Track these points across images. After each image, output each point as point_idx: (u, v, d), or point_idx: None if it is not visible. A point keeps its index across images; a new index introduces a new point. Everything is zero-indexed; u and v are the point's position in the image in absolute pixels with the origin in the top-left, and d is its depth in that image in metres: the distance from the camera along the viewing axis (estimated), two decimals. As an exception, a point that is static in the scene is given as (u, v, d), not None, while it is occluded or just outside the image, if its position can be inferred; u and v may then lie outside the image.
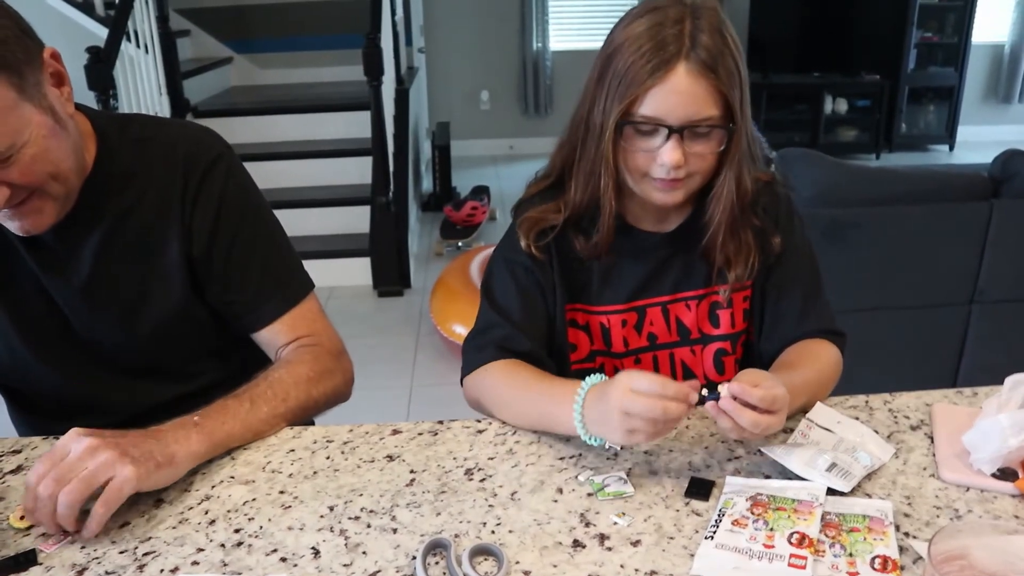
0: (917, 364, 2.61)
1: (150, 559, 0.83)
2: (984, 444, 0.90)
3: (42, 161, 0.94)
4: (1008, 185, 2.42)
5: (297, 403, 1.09)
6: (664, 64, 0.98)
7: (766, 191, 1.16)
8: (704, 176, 1.07)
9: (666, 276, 1.17)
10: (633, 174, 1.07)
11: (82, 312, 1.11)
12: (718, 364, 1.20)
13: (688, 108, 0.99)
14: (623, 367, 1.20)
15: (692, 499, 0.89)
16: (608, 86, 1.02)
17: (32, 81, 0.92)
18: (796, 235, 1.18)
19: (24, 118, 0.91)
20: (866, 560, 0.78)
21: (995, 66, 6.94)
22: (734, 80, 1.00)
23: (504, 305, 1.15)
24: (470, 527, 0.86)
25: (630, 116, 1.01)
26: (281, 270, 1.17)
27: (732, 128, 1.02)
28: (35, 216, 0.98)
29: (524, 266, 1.15)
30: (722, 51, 0.99)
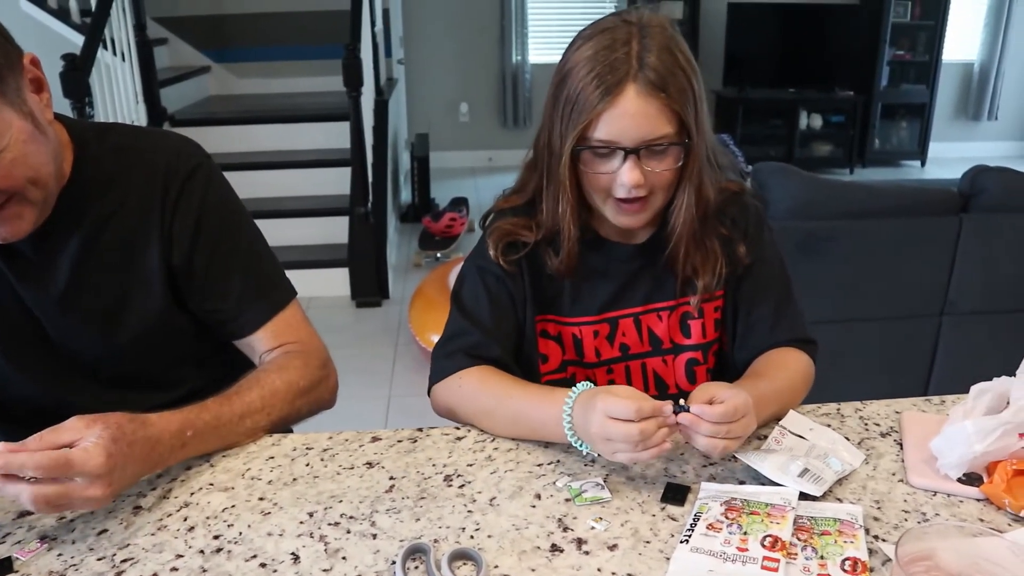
0: (889, 374, 2.65)
1: (128, 566, 0.83)
2: (951, 450, 0.93)
3: (21, 166, 0.94)
4: (976, 200, 2.47)
5: (280, 415, 1.10)
6: (613, 87, 0.99)
7: (734, 201, 1.17)
8: (666, 192, 1.08)
9: (637, 287, 1.18)
10: (596, 195, 1.08)
11: (59, 321, 1.10)
12: (689, 373, 1.21)
13: (641, 129, 1.00)
14: (595, 377, 1.21)
15: (668, 504, 0.91)
16: (562, 112, 1.03)
17: (12, 86, 0.93)
18: (766, 245, 1.20)
19: (4, 122, 0.91)
20: (836, 562, 0.79)
21: (965, 84, 7.09)
22: (686, 96, 1.01)
23: (474, 313, 1.16)
24: (449, 532, 0.87)
25: (585, 141, 1.03)
26: (263, 277, 1.18)
27: (688, 144, 1.04)
28: (14, 222, 0.98)
29: (495, 275, 1.16)
30: (671, 69, 1.00)
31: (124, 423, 0.90)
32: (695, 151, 1.05)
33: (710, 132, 1.09)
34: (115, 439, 0.88)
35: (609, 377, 1.21)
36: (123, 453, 0.88)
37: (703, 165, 1.07)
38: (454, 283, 1.22)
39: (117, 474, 0.87)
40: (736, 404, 0.90)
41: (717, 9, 6.52)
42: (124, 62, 3.99)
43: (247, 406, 1.06)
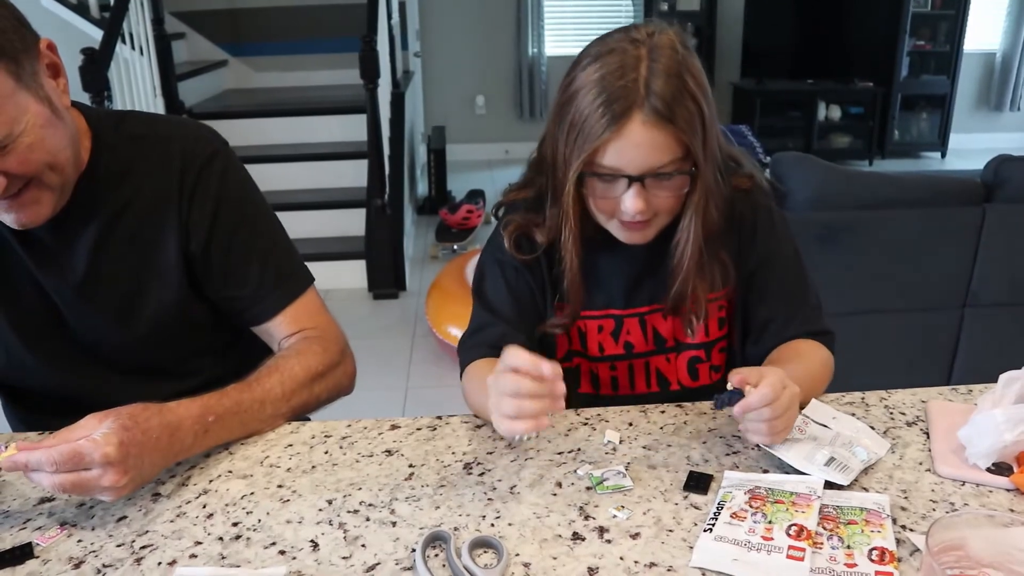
0: (911, 367, 2.62)
1: (147, 552, 0.83)
2: (979, 439, 0.91)
3: (39, 150, 0.94)
4: (1000, 190, 2.44)
5: (300, 400, 1.10)
6: (619, 117, 0.96)
7: (744, 199, 1.15)
8: (670, 214, 1.06)
9: (644, 287, 1.16)
10: (601, 216, 1.07)
11: (78, 309, 1.10)
12: (692, 371, 1.20)
13: (647, 158, 0.98)
14: (597, 371, 1.21)
15: (691, 493, 0.90)
16: (567, 135, 1.01)
17: (29, 70, 0.92)
18: (778, 240, 1.17)
19: (21, 106, 0.91)
20: (864, 552, 0.78)
21: (987, 74, 6.99)
22: (694, 123, 0.98)
23: (496, 305, 1.16)
24: (469, 520, 0.86)
25: (591, 167, 1.01)
26: (281, 264, 1.17)
27: (694, 171, 1.01)
28: (32, 207, 0.98)
29: (514, 266, 1.15)
30: (679, 96, 0.97)
31: (137, 412, 0.90)
32: (701, 178, 1.02)
33: (718, 147, 1.06)
34: (126, 427, 0.88)
35: (612, 373, 1.20)
36: (137, 441, 0.88)
37: (710, 190, 1.05)
38: (474, 276, 1.21)
39: (132, 461, 0.87)
40: (773, 383, 0.88)
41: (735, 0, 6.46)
42: (142, 56, 4.01)
43: (267, 392, 1.05)
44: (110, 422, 0.87)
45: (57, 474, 0.83)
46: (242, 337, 1.20)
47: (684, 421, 1.05)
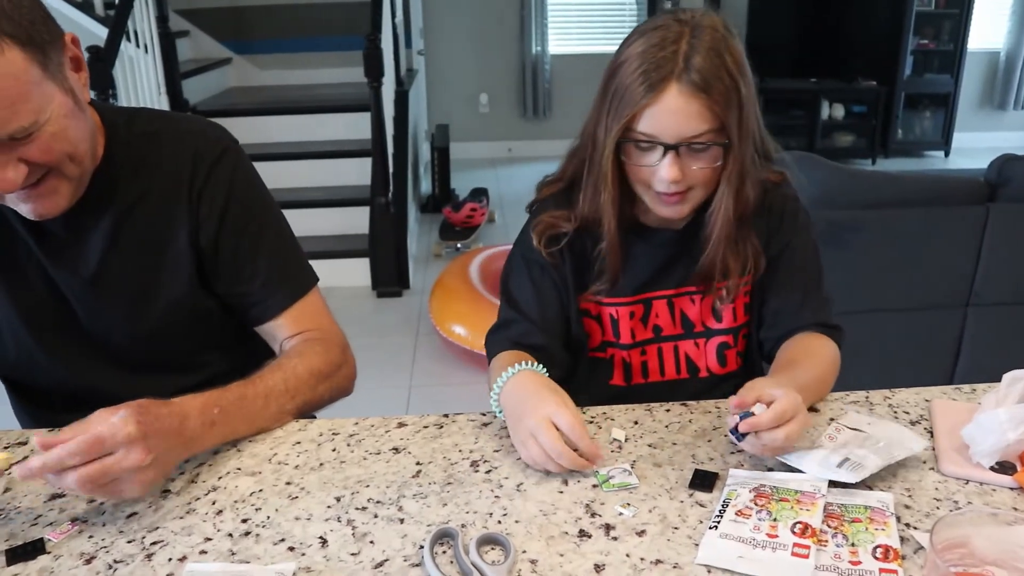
0: (913, 366, 2.62)
1: (158, 548, 0.84)
2: (983, 438, 0.91)
3: (61, 140, 0.95)
4: (1004, 189, 2.44)
5: (304, 400, 1.10)
6: (657, 84, 1.01)
7: (774, 191, 1.18)
8: (706, 188, 1.10)
9: (672, 271, 1.20)
10: (639, 186, 1.10)
11: (89, 303, 1.12)
12: (720, 357, 1.23)
13: (681, 126, 1.02)
14: (630, 359, 1.23)
15: (696, 491, 0.90)
16: (609, 104, 1.06)
17: (55, 62, 0.94)
18: (800, 232, 1.21)
19: (47, 96, 0.92)
20: (868, 549, 0.79)
21: (990, 73, 6.98)
22: (729, 99, 1.02)
23: (521, 302, 1.20)
24: (476, 517, 0.87)
25: (628, 134, 1.05)
26: (287, 263, 1.19)
27: (727, 145, 1.04)
28: (50, 198, 0.99)
29: (540, 264, 1.19)
30: (717, 71, 1.01)
31: (145, 403, 0.91)
32: (735, 153, 1.05)
33: (758, 132, 1.10)
34: (140, 412, 0.89)
35: (643, 359, 1.23)
36: (152, 424, 0.89)
37: (746, 168, 1.08)
38: (502, 272, 1.26)
39: (154, 441, 0.88)
40: (784, 407, 0.90)
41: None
42: (147, 54, 4.02)
43: (270, 388, 1.06)
44: (122, 412, 0.88)
45: (82, 466, 0.83)
46: (247, 333, 1.21)
47: (689, 420, 1.06)
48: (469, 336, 3.24)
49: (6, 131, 0.89)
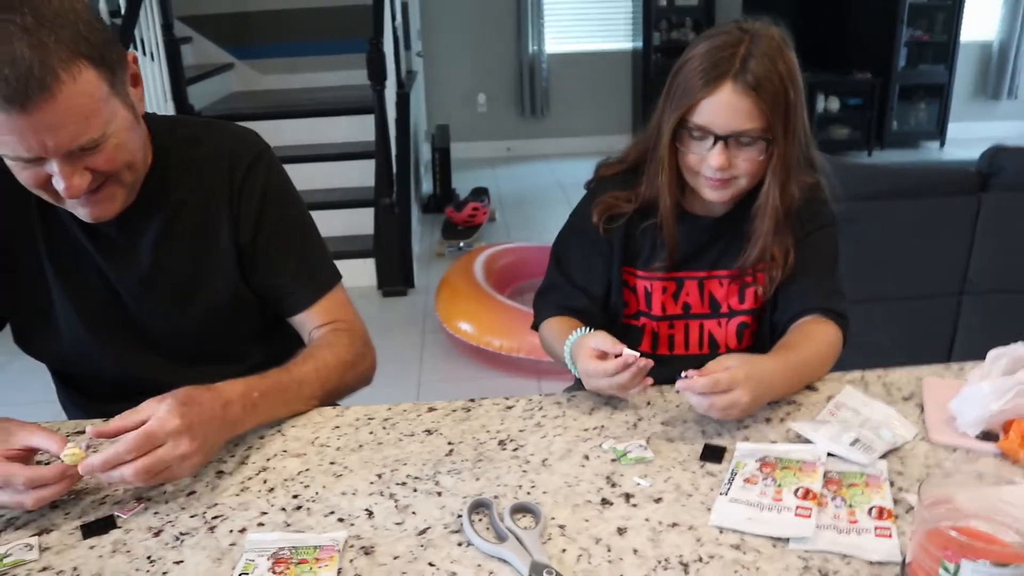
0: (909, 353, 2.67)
1: (219, 522, 0.92)
2: (969, 409, 1.00)
3: (123, 151, 1.04)
4: (995, 180, 2.51)
5: (332, 386, 1.19)
6: (714, 80, 1.14)
7: (810, 192, 1.28)
8: (749, 180, 1.21)
9: (706, 255, 1.32)
10: (688, 172, 1.22)
11: (140, 299, 1.20)
12: (739, 335, 1.34)
13: (732, 120, 1.15)
14: (658, 330, 1.35)
15: (706, 462, 0.99)
16: (672, 97, 1.19)
17: (120, 79, 1.03)
18: (822, 228, 1.31)
19: (113, 111, 1.01)
20: (864, 510, 0.87)
21: (984, 63, 7.06)
22: (778, 101, 1.15)
23: (569, 267, 1.36)
24: (507, 489, 0.95)
25: (685, 123, 1.18)
26: (315, 258, 1.28)
27: (770, 140, 1.16)
28: (107, 203, 1.07)
29: (592, 236, 1.33)
30: (769, 76, 1.14)
31: (189, 391, 0.99)
32: (779, 149, 1.17)
33: (808, 140, 1.22)
34: (184, 402, 0.97)
35: (670, 332, 1.35)
36: (196, 412, 0.97)
37: (791, 166, 1.20)
38: (555, 239, 1.41)
39: (197, 430, 0.96)
40: (718, 379, 1.01)
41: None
42: (153, 61, 4.09)
43: (304, 375, 1.15)
44: (167, 402, 0.96)
45: (137, 460, 0.91)
46: (282, 325, 1.30)
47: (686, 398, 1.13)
48: (475, 333, 3.32)
49: (78, 143, 0.97)
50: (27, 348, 1.24)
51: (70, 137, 0.96)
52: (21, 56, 0.90)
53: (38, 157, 0.97)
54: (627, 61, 6.89)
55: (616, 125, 7.06)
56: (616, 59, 6.89)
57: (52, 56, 0.92)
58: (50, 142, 0.95)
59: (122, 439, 0.92)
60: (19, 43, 0.90)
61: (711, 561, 0.82)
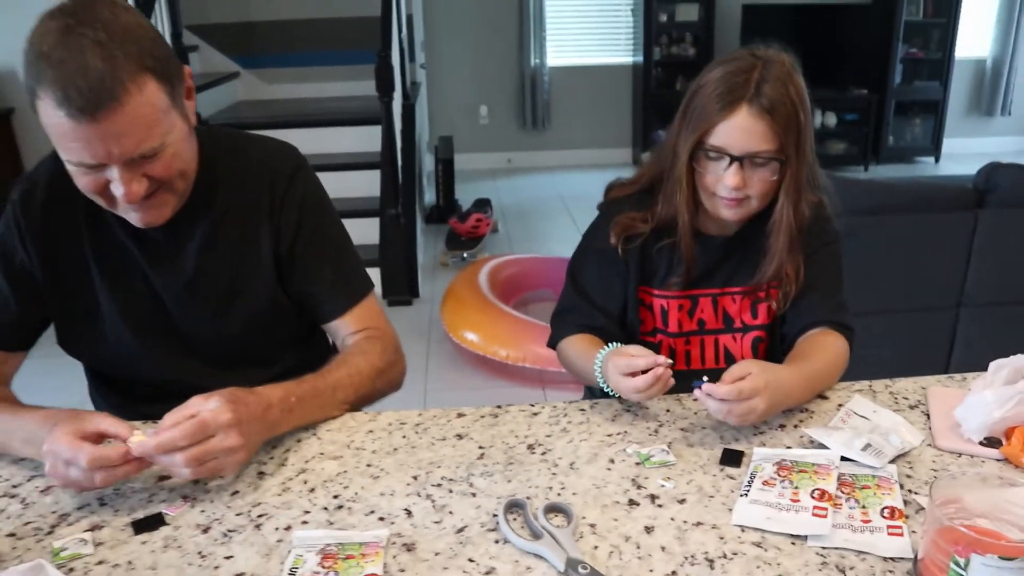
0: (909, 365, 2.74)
1: (264, 520, 0.97)
2: (973, 416, 1.05)
3: (178, 159, 1.10)
4: (991, 196, 2.58)
5: (364, 391, 1.25)
6: (730, 104, 1.20)
7: (815, 210, 1.34)
8: (761, 200, 1.26)
9: (719, 272, 1.37)
10: (704, 192, 1.27)
11: (183, 304, 1.25)
12: (755, 349, 1.39)
13: (747, 142, 1.20)
14: (675, 346, 1.40)
15: (726, 466, 1.04)
16: (688, 120, 1.24)
17: (179, 91, 1.09)
18: (827, 245, 1.37)
19: (172, 122, 1.07)
20: (877, 510, 0.93)
21: (978, 80, 7.18)
22: (790, 124, 1.20)
23: (587, 288, 1.40)
24: (538, 491, 1.00)
25: (701, 145, 1.24)
26: (350, 268, 1.33)
27: (783, 161, 1.21)
28: (159, 209, 1.13)
29: (608, 256, 1.37)
30: (782, 99, 1.19)
31: (235, 391, 1.05)
32: (791, 170, 1.23)
33: (813, 161, 1.28)
34: (232, 400, 1.02)
35: (687, 348, 1.39)
36: (244, 411, 1.03)
37: (802, 186, 1.26)
38: (571, 259, 1.45)
39: (245, 426, 1.02)
40: (741, 387, 1.06)
41: (732, 10, 6.63)
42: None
43: (337, 381, 1.20)
44: (216, 399, 1.02)
45: (190, 448, 0.97)
46: (315, 331, 1.35)
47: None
48: (481, 342, 3.37)
49: (139, 150, 1.03)
50: (70, 349, 1.30)
51: (133, 145, 1.02)
52: (94, 67, 0.97)
53: (101, 164, 1.03)
54: (627, 75, 6.98)
55: (616, 138, 7.14)
56: (617, 73, 6.98)
57: (121, 69, 0.98)
58: (115, 149, 1.02)
59: (177, 427, 0.98)
60: (92, 55, 0.97)
61: (735, 558, 0.87)
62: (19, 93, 4.27)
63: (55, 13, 1.00)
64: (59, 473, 0.98)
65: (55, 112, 0.98)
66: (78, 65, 0.96)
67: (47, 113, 0.99)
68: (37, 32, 1.00)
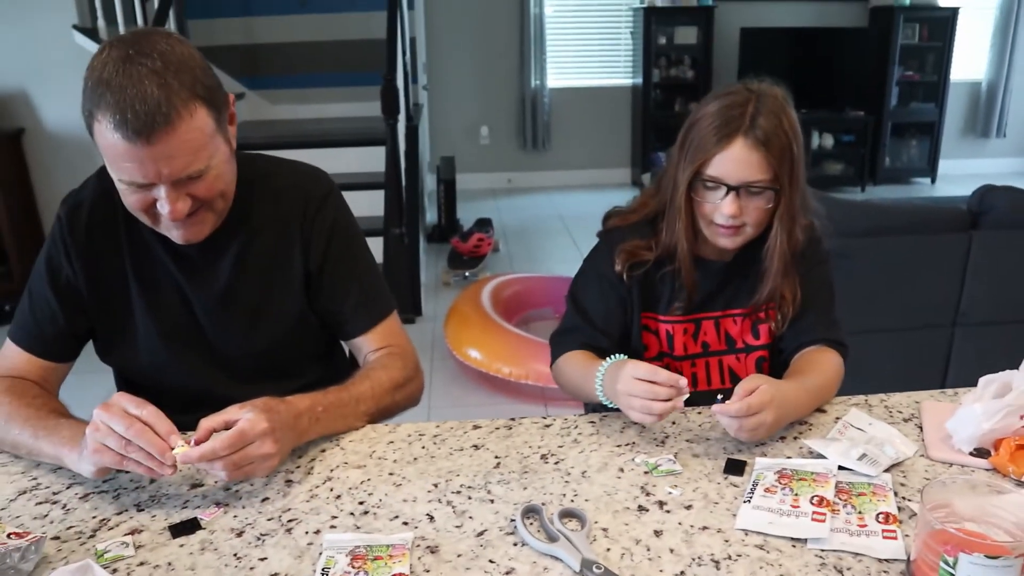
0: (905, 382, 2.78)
1: (294, 524, 1.03)
2: (963, 428, 1.12)
3: (220, 181, 1.18)
4: (985, 218, 2.65)
5: (384, 405, 1.31)
6: (727, 136, 1.25)
7: (807, 235, 1.40)
8: (756, 227, 1.32)
9: (720, 296, 1.43)
10: (703, 220, 1.33)
11: (215, 318, 1.32)
12: (759, 368, 1.45)
13: (743, 172, 1.26)
14: (681, 369, 1.44)
15: (729, 475, 1.10)
16: (686, 151, 1.30)
17: (224, 118, 1.17)
18: (819, 265, 1.44)
19: (217, 145, 1.15)
20: (872, 516, 0.98)
21: (973, 102, 7.28)
22: (784, 155, 1.26)
23: (589, 311, 1.43)
24: (553, 497, 1.06)
25: (699, 175, 1.29)
26: (374, 288, 1.39)
27: (778, 190, 1.27)
28: (198, 226, 1.20)
29: (610, 281, 1.41)
30: (776, 131, 1.26)
31: (267, 401, 1.12)
32: (785, 198, 1.29)
33: (805, 188, 1.33)
34: (266, 410, 1.09)
35: (693, 370, 1.45)
36: (276, 419, 1.09)
37: (795, 213, 1.31)
38: (572, 282, 1.49)
39: (278, 433, 1.08)
40: (750, 403, 1.11)
41: (730, 33, 6.74)
42: (171, 92, 4.21)
43: (361, 393, 1.27)
44: (251, 409, 1.08)
45: (230, 455, 1.03)
46: (336, 346, 1.42)
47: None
48: (484, 359, 3.43)
49: (187, 172, 1.11)
50: (106, 357, 1.36)
51: (182, 166, 1.10)
52: (151, 94, 1.05)
53: (150, 183, 1.11)
54: (627, 97, 7.08)
55: (615, 159, 7.23)
56: (616, 95, 7.08)
57: (175, 96, 1.06)
58: (165, 170, 1.09)
59: (217, 437, 1.04)
60: (149, 83, 1.05)
61: (739, 559, 0.93)
62: (30, 113, 4.37)
63: (116, 43, 1.09)
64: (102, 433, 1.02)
65: (112, 134, 1.06)
66: (136, 91, 1.04)
67: (104, 135, 1.07)
68: (98, 59, 1.08)
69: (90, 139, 1.11)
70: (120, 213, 1.24)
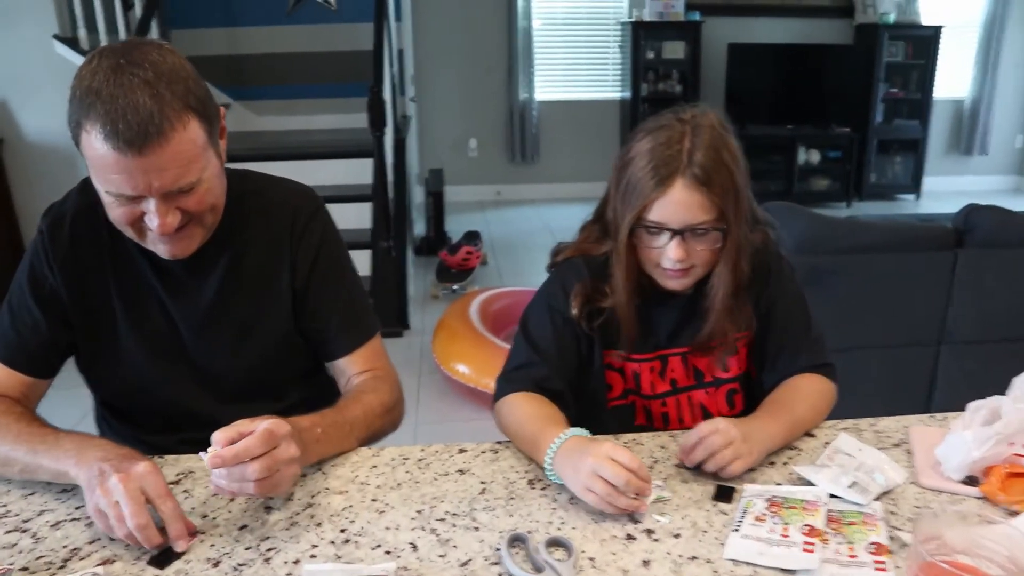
0: (892, 400, 2.81)
1: (273, 553, 1.00)
2: (953, 456, 1.10)
3: (210, 195, 1.15)
4: (970, 236, 2.66)
5: (374, 429, 1.29)
6: (665, 179, 1.19)
7: (762, 252, 1.35)
8: (706, 267, 1.27)
9: (685, 330, 1.35)
10: (649, 264, 1.28)
11: (200, 334, 1.29)
12: (730, 402, 1.39)
13: (686, 215, 1.20)
14: (650, 408, 1.39)
15: (718, 502, 1.08)
16: (623, 194, 1.24)
17: (215, 130, 1.14)
18: (786, 284, 1.38)
19: (208, 159, 1.12)
20: (863, 546, 0.97)
21: (956, 120, 7.34)
22: (727, 189, 1.20)
23: (542, 347, 1.32)
24: (539, 525, 1.04)
25: (640, 221, 1.22)
26: (359, 308, 1.37)
27: (725, 229, 1.22)
28: (186, 241, 1.18)
29: (564, 316, 1.32)
30: (716, 166, 1.19)
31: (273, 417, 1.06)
32: (732, 236, 1.23)
33: (749, 206, 1.27)
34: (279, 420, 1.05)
35: (663, 409, 1.38)
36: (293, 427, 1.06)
37: (741, 245, 1.26)
38: (523, 314, 1.37)
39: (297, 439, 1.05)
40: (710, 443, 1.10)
41: (717, 49, 6.77)
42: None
43: (354, 417, 1.25)
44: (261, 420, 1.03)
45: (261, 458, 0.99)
46: (320, 368, 1.39)
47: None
48: (472, 374, 3.40)
49: (177, 184, 1.08)
50: (87, 375, 1.34)
51: (172, 179, 1.08)
52: (143, 105, 1.02)
53: (139, 196, 1.08)
54: (615, 110, 7.10)
55: (603, 172, 7.07)
56: (604, 108, 7.09)
57: (168, 107, 1.04)
58: (155, 182, 1.07)
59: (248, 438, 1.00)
60: (141, 93, 1.03)
61: (728, 591, 0.91)
62: (9, 123, 4.32)
63: (105, 52, 1.06)
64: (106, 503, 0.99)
65: (102, 144, 1.03)
66: (128, 101, 1.02)
67: (92, 145, 1.04)
68: (87, 69, 1.05)
69: (71, 150, 1.09)
70: (104, 227, 1.21)
